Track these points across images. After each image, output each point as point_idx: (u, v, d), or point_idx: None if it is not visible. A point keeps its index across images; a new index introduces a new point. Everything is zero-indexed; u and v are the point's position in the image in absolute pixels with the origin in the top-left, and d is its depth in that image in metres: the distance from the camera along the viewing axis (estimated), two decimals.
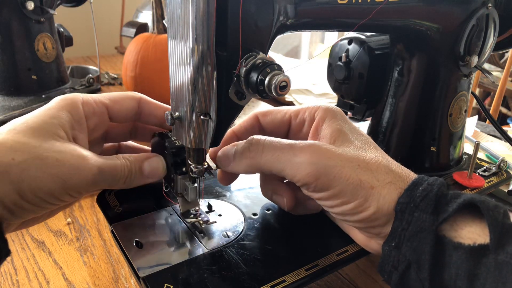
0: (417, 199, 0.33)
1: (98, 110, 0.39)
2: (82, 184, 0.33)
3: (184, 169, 0.39)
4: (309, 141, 0.36)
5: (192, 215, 0.41)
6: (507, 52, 1.68)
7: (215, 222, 0.41)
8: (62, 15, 0.98)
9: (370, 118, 0.59)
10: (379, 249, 0.36)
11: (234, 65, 0.32)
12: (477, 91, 1.84)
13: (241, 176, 0.44)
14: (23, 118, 0.34)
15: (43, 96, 0.85)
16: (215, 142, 0.36)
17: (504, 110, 2.33)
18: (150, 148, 0.43)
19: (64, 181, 0.32)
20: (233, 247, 0.38)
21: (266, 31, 0.34)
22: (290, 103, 0.98)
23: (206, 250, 0.37)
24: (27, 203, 0.31)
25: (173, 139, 0.40)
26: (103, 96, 0.40)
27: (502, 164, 0.54)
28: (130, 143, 0.46)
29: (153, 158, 0.39)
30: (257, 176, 0.45)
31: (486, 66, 2.09)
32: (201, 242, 0.38)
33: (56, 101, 0.37)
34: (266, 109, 0.43)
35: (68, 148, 0.33)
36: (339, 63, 0.57)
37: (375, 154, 0.36)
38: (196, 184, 0.39)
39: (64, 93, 0.66)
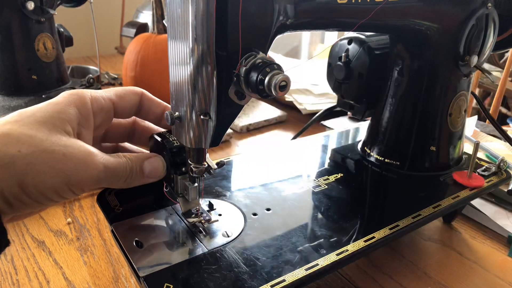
0: None
1: (106, 107, 0.39)
2: (87, 180, 0.33)
3: (183, 169, 0.39)
4: None
5: (193, 215, 0.41)
6: (507, 52, 1.68)
7: (217, 220, 0.41)
8: (62, 15, 0.98)
9: (370, 118, 0.59)
10: None
11: (234, 65, 0.32)
12: (477, 91, 1.84)
13: (241, 176, 0.44)
14: (30, 111, 0.33)
15: (43, 96, 0.85)
16: (215, 142, 0.36)
17: (504, 110, 2.33)
18: (148, 151, 0.43)
19: (69, 177, 0.31)
20: (233, 247, 0.38)
21: (266, 31, 0.34)
22: (290, 103, 0.98)
23: (206, 250, 0.37)
24: (28, 197, 0.30)
25: (171, 139, 0.40)
26: (109, 92, 0.40)
27: (502, 164, 0.54)
28: (127, 144, 0.46)
29: (154, 158, 0.39)
30: (257, 176, 0.45)
31: (486, 66, 2.09)
32: (201, 242, 0.38)
33: (64, 96, 0.36)
34: None
35: (75, 143, 0.33)
36: (339, 63, 0.57)
37: None
38: (196, 184, 0.39)
39: None
